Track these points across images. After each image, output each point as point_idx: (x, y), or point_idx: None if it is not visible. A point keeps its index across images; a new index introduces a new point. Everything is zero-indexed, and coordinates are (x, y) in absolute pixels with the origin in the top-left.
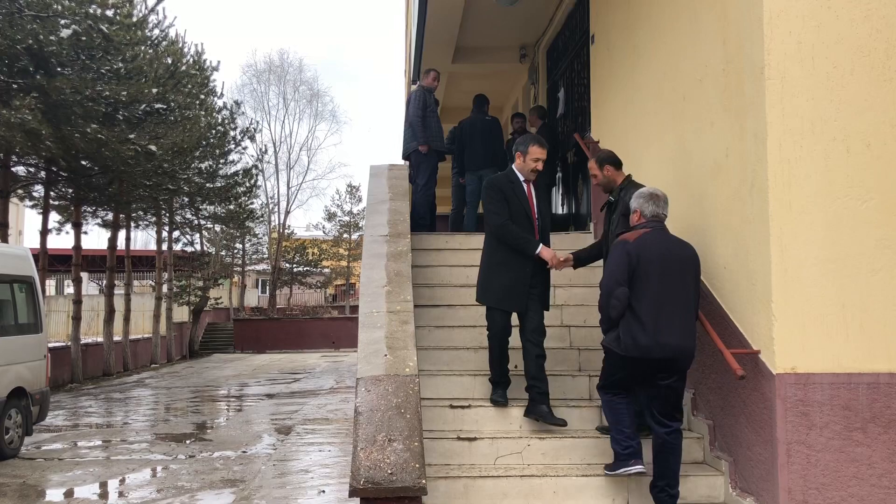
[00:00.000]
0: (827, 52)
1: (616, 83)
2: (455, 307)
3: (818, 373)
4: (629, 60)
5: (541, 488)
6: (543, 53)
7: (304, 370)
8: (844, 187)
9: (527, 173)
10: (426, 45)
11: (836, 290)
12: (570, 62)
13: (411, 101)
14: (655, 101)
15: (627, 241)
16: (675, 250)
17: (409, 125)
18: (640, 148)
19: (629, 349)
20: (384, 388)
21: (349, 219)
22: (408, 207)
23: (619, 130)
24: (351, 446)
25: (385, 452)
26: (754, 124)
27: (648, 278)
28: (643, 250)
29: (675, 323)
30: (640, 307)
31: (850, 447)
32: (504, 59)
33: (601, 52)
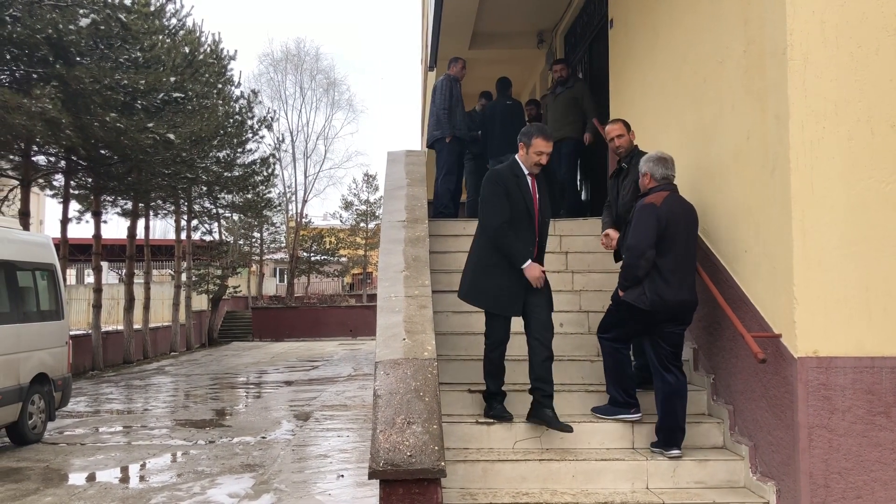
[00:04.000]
0: (851, 32)
1: (635, 67)
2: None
3: (841, 356)
4: (648, 44)
5: (559, 472)
6: (561, 38)
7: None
8: (868, 169)
9: (530, 166)
10: (443, 31)
11: (859, 273)
12: (588, 47)
13: (437, 91)
14: (675, 84)
15: (655, 204)
16: (690, 211)
17: (434, 115)
18: (659, 132)
19: (656, 305)
20: (403, 371)
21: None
22: (425, 193)
23: (638, 114)
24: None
25: (404, 435)
26: (776, 106)
27: (675, 239)
28: (671, 213)
29: (688, 280)
30: (665, 266)
31: (873, 431)
32: (521, 44)
33: (620, 35)
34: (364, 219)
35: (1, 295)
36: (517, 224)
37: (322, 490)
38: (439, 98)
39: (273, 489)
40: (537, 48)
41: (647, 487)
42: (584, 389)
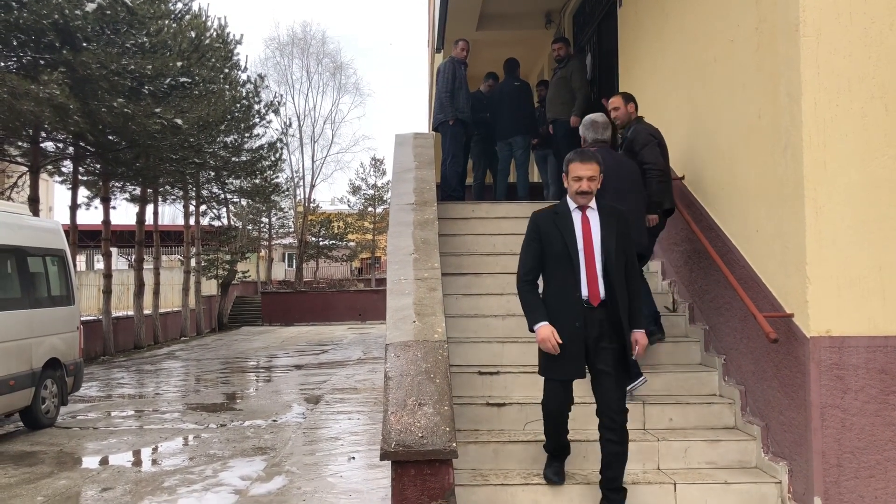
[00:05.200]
0: (864, 7)
1: (644, 47)
2: (482, 275)
3: (853, 336)
4: (658, 23)
5: (574, 452)
6: (570, 18)
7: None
8: (883, 146)
9: (574, 198)
10: (450, 12)
11: (872, 252)
12: (597, 27)
13: (440, 74)
14: (685, 63)
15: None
16: (619, 166)
17: (438, 98)
18: (669, 111)
19: None
20: (413, 353)
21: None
22: (433, 176)
23: (648, 95)
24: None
25: (416, 416)
26: (788, 84)
27: (605, 188)
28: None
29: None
30: None
31: (886, 411)
32: (529, 25)
33: (629, 15)
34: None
35: (12, 281)
36: (553, 270)
37: (334, 472)
38: (442, 81)
39: (285, 471)
40: (545, 29)
41: (659, 468)
42: None
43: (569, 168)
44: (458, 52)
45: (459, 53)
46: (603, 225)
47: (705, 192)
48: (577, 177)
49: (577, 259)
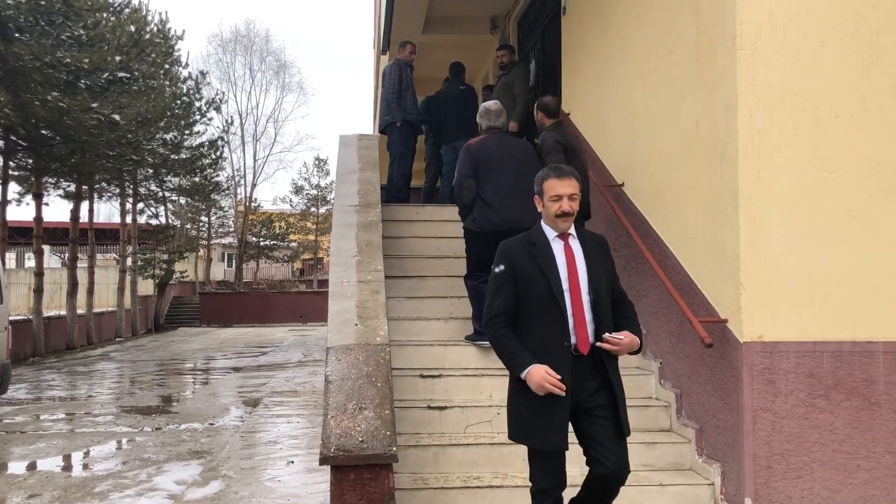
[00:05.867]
0: (798, 24)
1: (587, 54)
2: (426, 278)
3: (784, 341)
4: (600, 31)
5: (510, 456)
6: (515, 24)
7: (271, 344)
8: (813, 158)
9: (553, 223)
10: (396, 15)
11: (803, 260)
12: (541, 33)
13: (387, 76)
14: (626, 72)
15: (470, 145)
16: (510, 148)
17: (384, 100)
18: (611, 119)
19: (483, 225)
20: (355, 356)
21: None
22: (378, 178)
23: (590, 101)
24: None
25: (356, 420)
26: (725, 95)
27: (490, 171)
28: (482, 151)
29: (514, 202)
30: (486, 194)
31: (813, 414)
32: (475, 29)
33: (573, 23)
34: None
35: None
36: (534, 315)
37: (272, 476)
38: (388, 83)
39: (222, 476)
40: (491, 34)
41: None
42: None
43: (543, 186)
44: (407, 55)
45: (408, 56)
46: (588, 256)
47: (644, 199)
48: (556, 196)
49: (563, 301)
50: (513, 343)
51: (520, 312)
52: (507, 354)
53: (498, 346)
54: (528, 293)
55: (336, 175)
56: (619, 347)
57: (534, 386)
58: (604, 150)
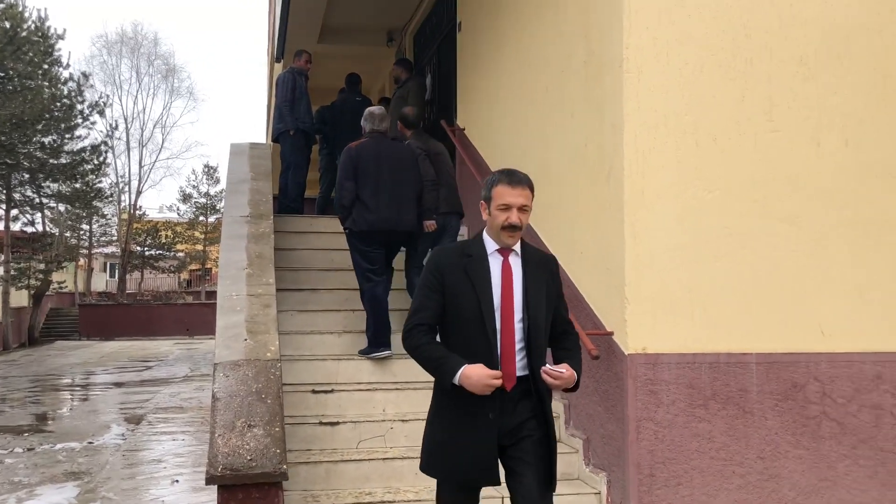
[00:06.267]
0: (680, 49)
1: (482, 71)
2: (319, 291)
3: (666, 353)
4: (494, 49)
5: (403, 470)
6: (411, 38)
7: (155, 358)
8: (693, 178)
9: (496, 235)
10: (291, 23)
11: (684, 276)
12: (437, 48)
13: (280, 85)
14: (519, 90)
15: (351, 147)
16: (390, 151)
17: (277, 109)
18: (504, 135)
19: (360, 224)
20: (244, 373)
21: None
22: (270, 188)
23: (484, 118)
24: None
25: (245, 438)
26: (612, 116)
27: (368, 174)
28: (361, 154)
29: (392, 203)
30: (364, 195)
31: (693, 423)
32: (371, 42)
33: (468, 40)
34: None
35: None
36: (457, 336)
37: (155, 497)
38: (282, 91)
39: (100, 497)
40: (387, 46)
41: None
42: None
43: (492, 193)
44: (302, 64)
45: (303, 65)
46: (528, 277)
47: (535, 214)
48: (504, 205)
49: (492, 324)
50: (439, 348)
51: (443, 331)
52: (435, 361)
53: (422, 354)
54: (455, 310)
55: (226, 185)
56: (558, 382)
57: (475, 386)
58: (496, 165)
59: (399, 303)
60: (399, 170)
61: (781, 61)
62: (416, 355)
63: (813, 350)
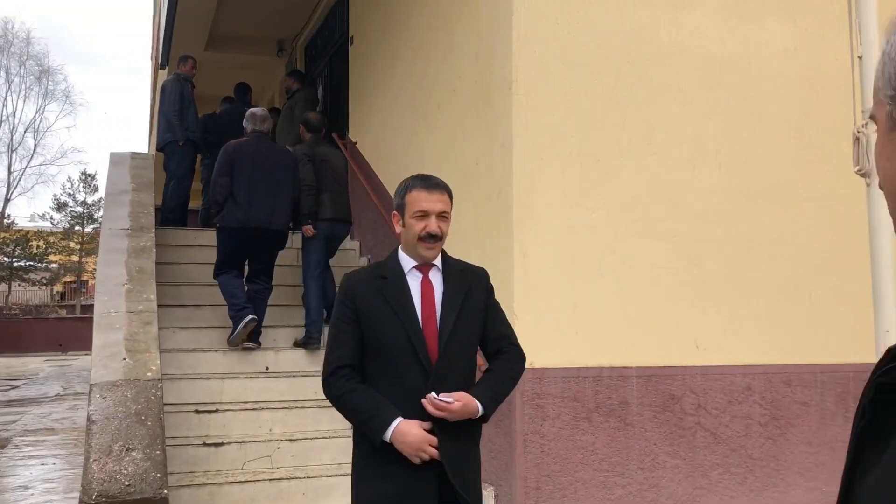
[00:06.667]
0: (566, 73)
1: (374, 86)
2: (203, 307)
3: (552, 367)
4: (387, 65)
5: (290, 490)
6: (302, 49)
7: (24, 376)
8: (578, 198)
9: (413, 249)
10: (177, 29)
11: (569, 292)
12: (329, 61)
13: (166, 92)
14: (412, 106)
15: (229, 145)
16: (269, 151)
17: (164, 118)
18: (396, 151)
19: (230, 221)
20: (122, 394)
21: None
22: (152, 200)
23: (376, 132)
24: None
25: (122, 463)
26: (502, 136)
27: (244, 171)
28: (237, 152)
29: (265, 203)
30: (237, 193)
31: (577, 436)
32: (261, 51)
33: (360, 54)
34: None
35: None
36: (387, 366)
37: None
38: (169, 99)
39: None
40: (277, 56)
41: None
42: (317, 405)
43: (406, 199)
44: (188, 70)
45: (189, 71)
46: (449, 293)
47: None
48: (421, 212)
49: (422, 349)
50: (370, 396)
51: (366, 363)
52: (364, 413)
53: (347, 405)
54: (375, 340)
55: (105, 196)
56: (441, 413)
57: (408, 449)
58: (390, 180)
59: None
60: (276, 171)
61: (661, 88)
62: (340, 406)
63: (688, 363)
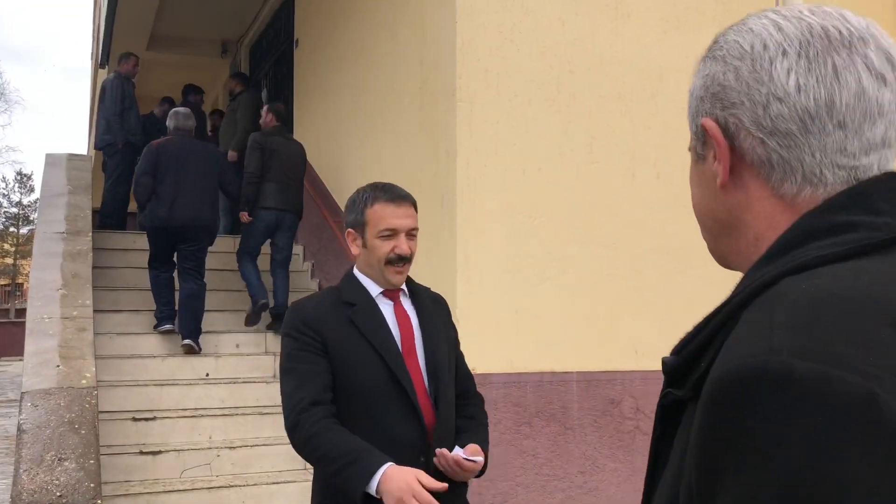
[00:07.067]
0: (509, 82)
1: (319, 89)
2: (141, 312)
3: (494, 373)
4: (332, 69)
5: (230, 499)
6: (246, 51)
7: None
8: (519, 205)
9: (378, 273)
10: (117, 28)
11: (511, 298)
12: (274, 63)
13: (107, 92)
14: (356, 111)
15: (153, 144)
16: (193, 149)
17: (104, 118)
18: (341, 156)
19: (154, 220)
20: (55, 402)
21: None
22: (90, 203)
23: (321, 136)
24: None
25: (54, 473)
26: (446, 143)
27: (168, 169)
28: (162, 150)
29: (189, 200)
30: (161, 192)
31: (519, 440)
32: (204, 52)
33: (305, 57)
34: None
35: None
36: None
37: None
38: (110, 100)
39: None
40: (221, 58)
41: None
42: (258, 412)
43: (367, 215)
44: (131, 68)
45: (131, 70)
46: (426, 323)
47: None
48: (388, 230)
49: (411, 390)
50: (346, 439)
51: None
52: (342, 459)
53: (321, 449)
54: (352, 379)
55: (40, 199)
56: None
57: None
58: (335, 185)
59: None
60: (199, 168)
61: (602, 97)
62: (311, 452)
63: (628, 368)
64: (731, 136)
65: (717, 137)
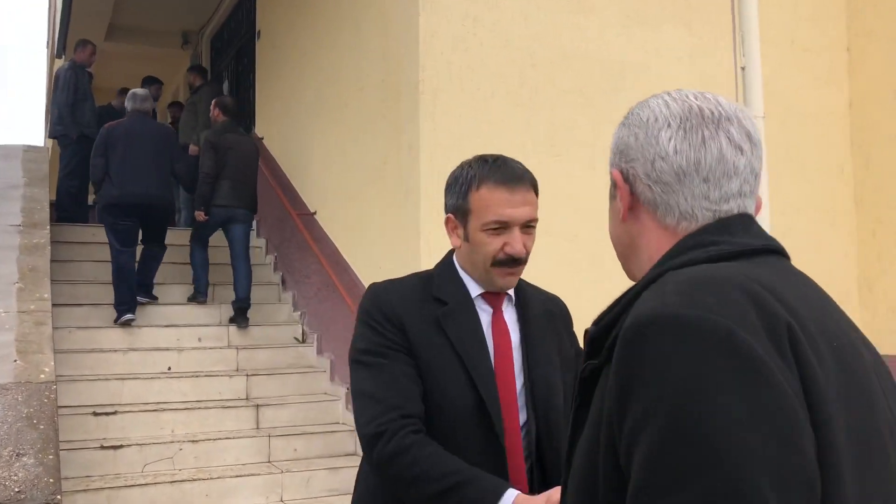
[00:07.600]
0: (472, 75)
1: (281, 82)
2: (101, 305)
3: None
4: (294, 61)
5: (192, 492)
6: (207, 42)
7: None
8: None
9: (486, 274)
10: (74, 18)
11: None
12: (236, 55)
13: (60, 81)
14: (319, 104)
15: (104, 128)
16: (147, 128)
17: (57, 108)
18: (303, 148)
19: (106, 199)
20: (13, 397)
21: None
22: (47, 195)
23: (284, 129)
24: None
25: (12, 469)
26: (409, 136)
27: (118, 149)
28: (112, 131)
29: (141, 178)
30: (112, 170)
31: None
32: (164, 43)
33: (267, 48)
34: None
35: None
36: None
37: None
38: (63, 90)
39: None
40: (182, 49)
41: (282, 500)
42: (221, 406)
43: (471, 200)
44: (87, 57)
45: (87, 59)
46: (531, 339)
47: (336, 229)
48: (500, 222)
49: (497, 413)
50: (447, 460)
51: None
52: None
53: (421, 464)
54: (430, 390)
55: None
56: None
57: None
58: (297, 177)
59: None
60: (151, 147)
61: (563, 91)
62: (404, 468)
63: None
64: (631, 183)
65: (620, 183)
